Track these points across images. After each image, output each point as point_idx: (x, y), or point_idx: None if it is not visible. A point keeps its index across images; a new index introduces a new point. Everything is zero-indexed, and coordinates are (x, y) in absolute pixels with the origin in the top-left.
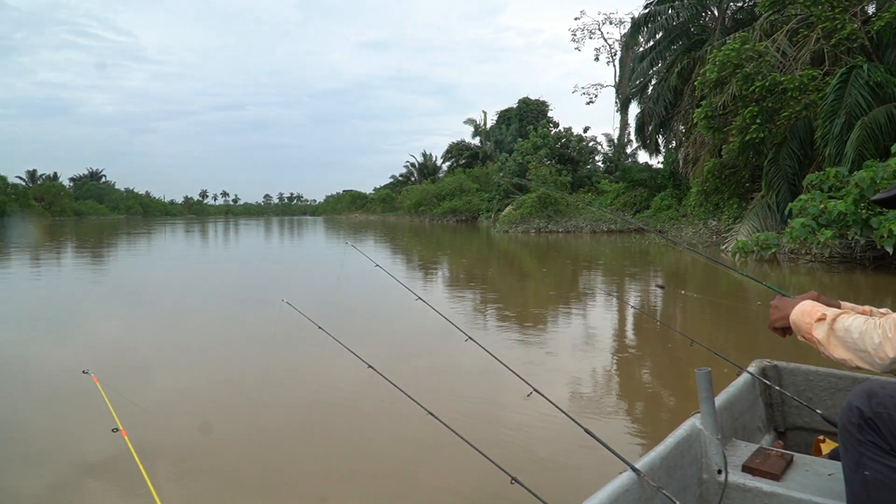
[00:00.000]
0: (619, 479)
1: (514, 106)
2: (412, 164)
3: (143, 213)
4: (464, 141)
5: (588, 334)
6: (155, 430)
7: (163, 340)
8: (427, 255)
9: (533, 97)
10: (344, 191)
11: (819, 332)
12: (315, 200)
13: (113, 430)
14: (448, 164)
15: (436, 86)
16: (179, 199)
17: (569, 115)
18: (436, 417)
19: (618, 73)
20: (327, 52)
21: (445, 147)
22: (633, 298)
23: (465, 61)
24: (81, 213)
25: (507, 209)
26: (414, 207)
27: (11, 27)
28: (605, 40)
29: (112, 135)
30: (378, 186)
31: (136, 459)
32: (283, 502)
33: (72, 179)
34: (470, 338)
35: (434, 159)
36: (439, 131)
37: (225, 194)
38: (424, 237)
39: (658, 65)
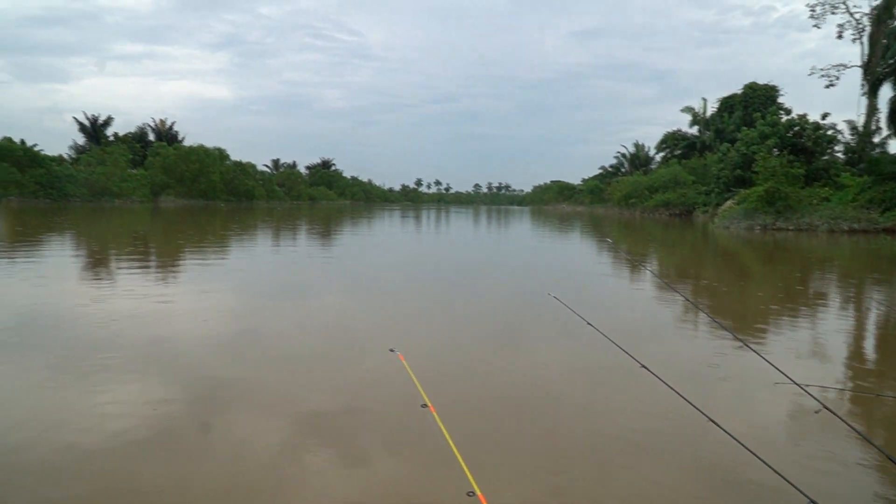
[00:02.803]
0: None
1: (739, 92)
2: (623, 155)
3: (366, 198)
4: (680, 130)
5: (858, 348)
6: (454, 406)
7: (442, 320)
8: (651, 250)
9: (760, 82)
10: (551, 181)
11: None
12: (522, 190)
13: (422, 406)
14: (662, 154)
15: (650, 73)
16: (397, 187)
17: (803, 102)
18: (721, 427)
19: (866, 52)
20: (538, 43)
21: (659, 137)
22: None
23: (683, 46)
24: (314, 197)
25: (728, 203)
26: (623, 199)
27: (263, 33)
28: (852, 14)
29: (341, 127)
30: (586, 177)
31: (446, 434)
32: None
33: (307, 167)
34: (745, 343)
35: (646, 150)
36: (653, 121)
37: (437, 183)
38: (639, 231)
39: None
